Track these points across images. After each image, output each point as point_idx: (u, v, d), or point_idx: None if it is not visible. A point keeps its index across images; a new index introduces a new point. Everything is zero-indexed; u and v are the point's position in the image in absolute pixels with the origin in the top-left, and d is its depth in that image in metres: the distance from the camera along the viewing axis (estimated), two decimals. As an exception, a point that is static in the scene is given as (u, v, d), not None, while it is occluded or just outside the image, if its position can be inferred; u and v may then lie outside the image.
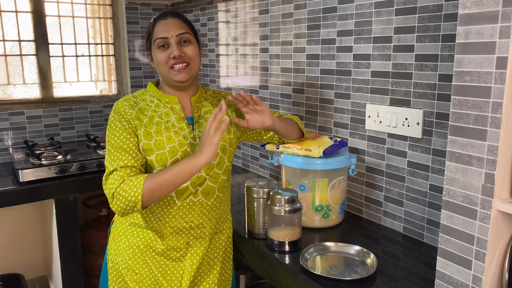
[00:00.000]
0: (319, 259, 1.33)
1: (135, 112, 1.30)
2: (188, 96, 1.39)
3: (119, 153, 1.24)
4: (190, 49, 1.33)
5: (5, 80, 2.54)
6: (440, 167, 1.37)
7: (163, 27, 1.32)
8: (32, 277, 2.62)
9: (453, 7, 1.27)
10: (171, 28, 1.31)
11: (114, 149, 1.25)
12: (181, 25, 1.33)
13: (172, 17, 1.34)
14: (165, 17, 1.34)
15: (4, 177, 2.19)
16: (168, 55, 1.31)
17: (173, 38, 1.30)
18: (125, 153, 1.24)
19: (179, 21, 1.33)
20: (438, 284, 0.97)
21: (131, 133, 1.27)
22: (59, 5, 2.64)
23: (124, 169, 1.22)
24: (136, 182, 1.18)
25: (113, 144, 1.26)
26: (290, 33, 1.90)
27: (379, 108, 1.53)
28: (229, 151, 1.38)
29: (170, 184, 1.20)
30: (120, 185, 1.19)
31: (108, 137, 1.28)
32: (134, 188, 1.18)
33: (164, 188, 1.19)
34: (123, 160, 1.23)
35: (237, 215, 1.70)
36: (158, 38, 1.31)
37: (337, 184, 1.54)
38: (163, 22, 1.32)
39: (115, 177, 1.21)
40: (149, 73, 2.94)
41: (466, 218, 0.89)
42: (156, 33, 1.32)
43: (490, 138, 0.84)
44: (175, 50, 1.29)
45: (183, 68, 1.31)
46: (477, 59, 0.84)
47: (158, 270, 1.33)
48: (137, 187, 1.17)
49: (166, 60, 1.31)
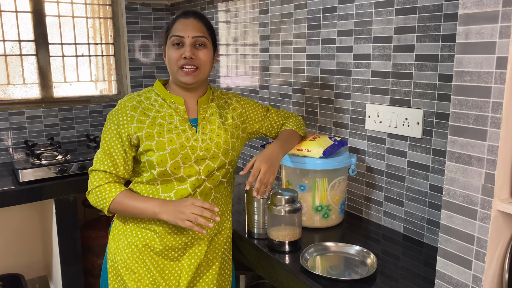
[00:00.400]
0: (319, 259, 1.33)
1: (137, 114, 1.30)
2: (195, 97, 1.39)
3: (104, 157, 1.32)
4: (203, 54, 1.33)
5: (5, 80, 2.54)
6: (440, 167, 1.37)
7: (182, 25, 1.32)
8: (32, 277, 2.62)
9: (453, 7, 1.27)
10: (190, 28, 1.31)
11: (102, 150, 1.33)
12: (200, 27, 1.33)
13: (194, 18, 1.33)
14: (186, 16, 1.34)
15: (4, 177, 2.18)
16: (180, 54, 1.31)
17: (189, 39, 1.30)
18: (107, 158, 1.31)
19: (199, 23, 1.33)
20: (438, 284, 0.97)
21: (124, 137, 1.30)
22: (59, 5, 2.64)
23: (103, 174, 1.32)
24: (108, 195, 1.29)
25: (102, 144, 1.34)
26: (290, 33, 1.90)
27: (379, 108, 1.53)
28: (231, 155, 1.37)
29: (132, 214, 1.30)
30: (96, 188, 1.31)
31: (102, 133, 1.35)
32: (103, 199, 1.30)
33: (127, 213, 1.31)
34: (105, 165, 1.31)
35: (237, 215, 1.70)
36: (174, 35, 1.31)
37: (337, 184, 1.54)
38: (183, 21, 1.33)
39: (95, 177, 1.32)
40: (149, 73, 2.94)
41: (466, 218, 0.89)
42: (174, 30, 1.32)
43: (490, 138, 0.84)
44: (187, 51, 1.30)
45: (191, 71, 1.31)
46: (477, 59, 0.84)
47: (156, 269, 1.33)
48: (107, 199, 1.29)
49: (177, 58, 1.31)
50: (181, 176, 1.30)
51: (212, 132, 1.35)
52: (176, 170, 1.28)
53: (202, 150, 1.31)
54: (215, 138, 1.34)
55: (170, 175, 1.29)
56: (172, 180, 1.30)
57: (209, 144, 1.32)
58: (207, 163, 1.32)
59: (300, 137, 1.54)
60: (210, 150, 1.32)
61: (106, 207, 1.29)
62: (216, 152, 1.33)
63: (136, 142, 1.29)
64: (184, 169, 1.29)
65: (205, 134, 1.33)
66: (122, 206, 1.28)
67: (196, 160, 1.30)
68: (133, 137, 1.29)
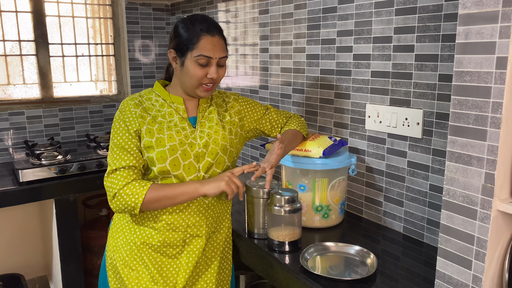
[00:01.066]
0: (319, 259, 1.33)
1: (139, 110, 1.32)
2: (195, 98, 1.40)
3: (121, 153, 1.28)
4: (223, 72, 1.35)
5: (5, 80, 2.54)
6: (440, 167, 1.37)
7: (210, 45, 1.29)
8: (32, 277, 2.62)
9: (453, 7, 1.27)
10: (217, 49, 1.31)
11: (117, 148, 1.29)
12: (223, 46, 1.34)
13: (219, 36, 1.32)
14: (212, 34, 1.30)
15: (4, 177, 2.19)
16: (205, 73, 1.31)
17: (216, 60, 1.31)
18: (126, 153, 1.28)
19: (222, 42, 1.33)
20: (438, 284, 0.97)
21: (133, 133, 1.29)
22: (59, 5, 2.64)
23: (127, 170, 1.27)
24: (140, 189, 1.24)
25: (116, 143, 1.30)
26: (290, 33, 1.90)
27: (379, 108, 1.53)
28: (230, 151, 1.38)
29: (171, 200, 1.27)
30: (124, 187, 1.24)
31: (112, 135, 1.33)
32: (136, 195, 1.23)
33: (164, 202, 1.27)
34: (125, 160, 1.27)
35: (237, 215, 1.70)
36: (202, 55, 1.29)
37: (337, 184, 1.54)
38: (210, 39, 1.29)
39: (118, 177, 1.26)
40: (149, 73, 2.94)
41: (466, 218, 0.89)
42: (202, 49, 1.28)
43: (490, 138, 0.84)
44: (214, 73, 1.31)
45: (210, 88, 1.34)
46: (477, 59, 0.84)
47: (154, 266, 1.34)
48: (139, 194, 1.23)
49: (201, 77, 1.31)
50: (181, 173, 1.30)
51: (210, 129, 1.36)
52: (175, 167, 1.29)
53: (200, 147, 1.33)
54: (213, 135, 1.35)
55: (169, 172, 1.29)
56: (172, 177, 1.31)
57: (207, 141, 1.34)
58: (206, 159, 1.33)
59: (303, 138, 1.54)
60: (209, 146, 1.33)
61: (139, 203, 1.23)
62: (215, 149, 1.34)
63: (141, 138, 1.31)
64: (183, 166, 1.30)
65: (203, 131, 1.35)
66: (159, 196, 1.25)
67: (196, 157, 1.32)
68: (140, 132, 1.30)
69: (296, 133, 1.50)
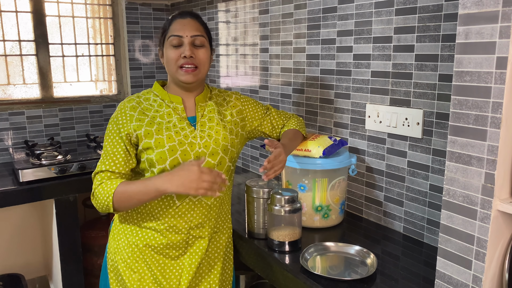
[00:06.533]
0: (319, 259, 1.33)
1: (137, 113, 1.32)
2: (193, 96, 1.40)
3: (106, 157, 1.31)
4: (202, 53, 1.34)
5: (5, 80, 2.54)
6: (440, 167, 1.37)
7: (180, 25, 1.32)
8: (32, 277, 2.62)
9: (453, 7, 1.27)
10: (188, 28, 1.31)
11: (104, 152, 1.33)
12: (198, 27, 1.34)
13: (191, 18, 1.34)
14: (183, 16, 1.34)
15: (4, 177, 2.19)
16: (179, 54, 1.31)
17: (187, 38, 1.31)
18: (109, 158, 1.30)
19: (196, 23, 1.34)
20: (438, 284, 0.97)
21: (123, 137, 1.30)
22: (59, 5, 2.64)
23: (105, 173, 1.30)
24: (109, 187, 1.25)
25: (105, 146, 1.33)
26: (290, 33, 1.90)
27: (379, 108, 1.53)
28: (231, 152, 1.38)
29: (136, 201, 1.23)
30: (98, 187, 1.28)
31: (104, 137, 1.35)
32: (106, 194, 1.25)
33: (132, 201, 1.24)
34: (106, 164, 1.30)
35: (237, 215, 1.70)
36: (172, 35, 1.31)
37: (337, 184, 1.54)
38: (180, 21, 1.33)
39: (98, 178, 1.30)
40: (149, 73, 2.94)
41: (466, 218, 0.89)
42: (172, 30, 1.32)
43: (490, 138, 0.84)
44: (187, 50, 1.30)
45: (191, 70, 1.32)
46: (477, 59, 0.84)
47: (157, 268, 1.33)
48: (109, 193, 1.24)
49: (176, 58, 1.32)
50: None
51: (211, 129, 1.35)
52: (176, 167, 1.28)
53: (201, 147, 1.32)
54: (213, 135, 1.34)
55: None
56: None
57: (207, 141, 1.33)
58: (207, 160, 1.32)
59: (303, 137, 1.54)
60: (209, 147, 1.33)
61: (110, 202, 1.23)
62: (215, 149, 1.33)
63: (136, 140, 1.30)
64: None
65: (203, 131, 1.34)
66: (125, 194, 1.22)
67: (196, 157, 1.31)
68: (133, 135, 1.29)
69: (296, 132, 1.50)
